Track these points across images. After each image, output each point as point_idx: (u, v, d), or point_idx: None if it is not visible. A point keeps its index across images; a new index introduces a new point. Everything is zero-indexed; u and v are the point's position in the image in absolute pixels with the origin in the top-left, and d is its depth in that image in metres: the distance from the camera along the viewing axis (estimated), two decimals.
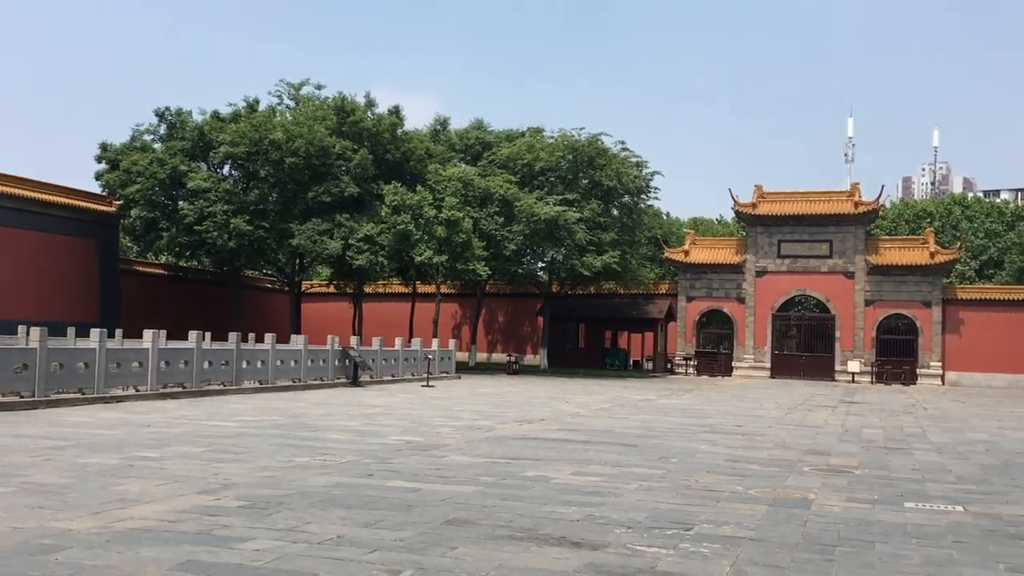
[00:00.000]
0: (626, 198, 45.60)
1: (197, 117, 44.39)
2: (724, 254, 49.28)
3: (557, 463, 12.26)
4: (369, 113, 43.53)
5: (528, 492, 9.80)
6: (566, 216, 40.56)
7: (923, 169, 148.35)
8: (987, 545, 7.93)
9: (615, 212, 45.58)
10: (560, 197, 41.88)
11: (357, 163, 40.65)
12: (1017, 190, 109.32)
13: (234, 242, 40.47)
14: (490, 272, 43.49)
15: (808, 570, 6.78)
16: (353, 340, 32.31)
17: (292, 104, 45.55)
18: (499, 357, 51.59)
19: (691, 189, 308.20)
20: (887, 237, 51.86)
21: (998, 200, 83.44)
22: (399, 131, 43.70)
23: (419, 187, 40.79)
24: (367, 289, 50.86)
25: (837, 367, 46.19)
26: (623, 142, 46.23)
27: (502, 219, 41.55)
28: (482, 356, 52.94)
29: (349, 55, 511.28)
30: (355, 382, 29.75)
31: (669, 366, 48.43)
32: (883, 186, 48.09)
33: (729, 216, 61.61)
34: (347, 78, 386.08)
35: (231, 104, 46.16)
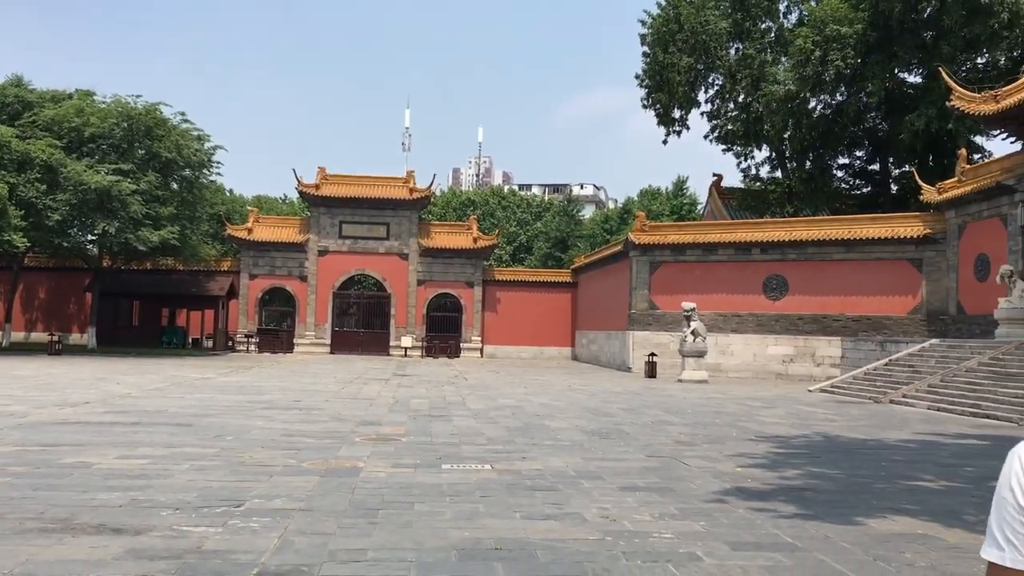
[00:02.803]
0: (187, 172, 43.51)
1: None
2: (288, 233, 49.32)
3: (102, 447, 11.55)
4: None
5: (66, 480, 9.15)
6: (120, 187, 37.67)
7: (470, 162, 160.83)
8: (508, 498, 9.06)
9: (175, 186, 43.29)
10: (114, 166, 38.75)
11: None
12: (546, 185, 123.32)
13: None
14: (30, 244, 39.04)
15: (353, 534, 7.24)
16: None
17: None
18: (40, 337, 46.54)
19: (256, 167, 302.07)
20: (438, 222, 55.65)
21: (529, 193, 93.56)
22: None
23: None
24: None
25: (392, 343, 48.69)
26: (183, 113, 44.11)
27: (45, 187, 37.44)
28: (19, 336, 47.35)
29: None
30: None
31: (230, 344, 47.37)
32: (435, 175, 51.57)
33: (294, 196, 61.67)
34: None
35: None
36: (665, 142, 48.80)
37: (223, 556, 6.40)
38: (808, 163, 43.78)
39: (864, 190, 46.20)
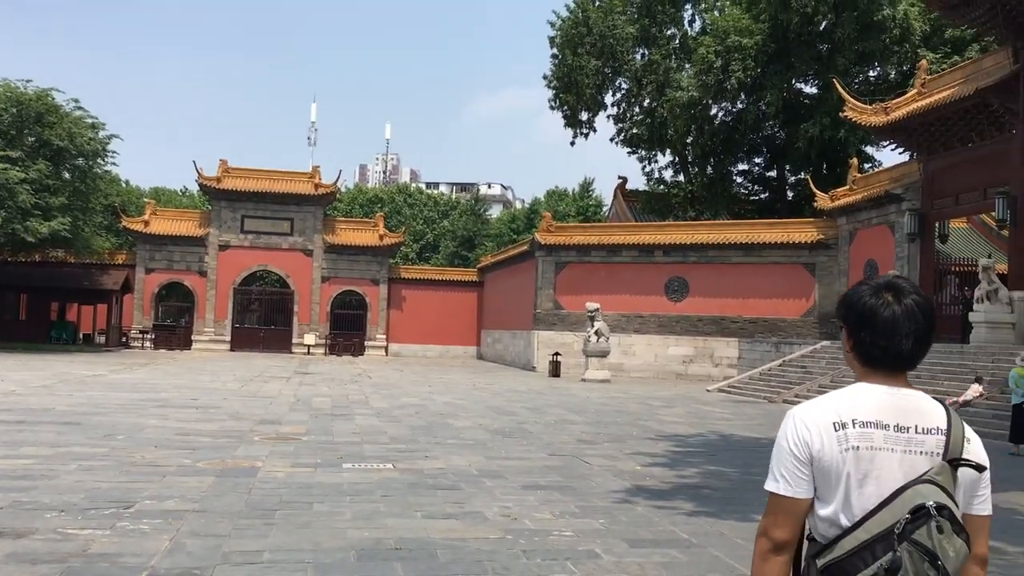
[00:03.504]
0: (80, 161, 41.76)
1: None
2: (187, 226, 47.92)
3: None
4: None
5: None
6: (7, 175, 35.96)
7: (377, 159, 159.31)
8: (409, 497, 9.01)
9: (67, 175, 41.52)
10: (1, 154, 36.97)
11: None
12: (453, 184, 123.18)
13: None
14: None
15: (248, 535, 7.08)
16: None
17: None
18: None
19: (155, 158, 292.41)
20: (343, 219, 54.93)
21: (437, 191, 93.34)
22: None
23: None
24: None
25: (295, 340, 47.84)
26: (77, 100, 42.28)
27: None
28: None
29: None
30: None
31: (124, 340, 45.76)
32: (340, 171, 50.96)
33: (195, 188, 59.94)
34: None
35: None
36: (573, 144, 49.40)
37: (111, 559, 6.17)
38: (710, 168, 44.85)
39: (762, 196, 47.59)
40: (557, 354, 34.84)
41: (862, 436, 2.15)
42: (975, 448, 2.24)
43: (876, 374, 2.26)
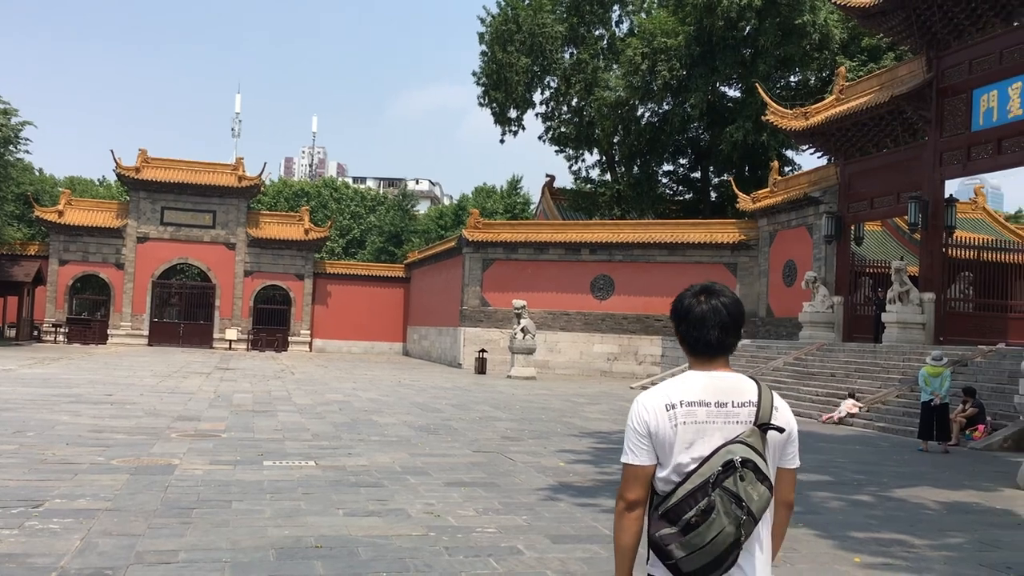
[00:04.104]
0: None
1: None
2: (104, 217, 46.52)
3: None
4: None
5: None
6: None
7: (303, 152, 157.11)
8: (331, 494, 8.91)
9: None
10: None
11: None
12: (381, 179, 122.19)
13: None
14: None
15: (163, 534, 6.91)
16: None
17: None
18: None
19: (71, 147, 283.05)
20: (268, 212, 54.02)
21: (364, 186, 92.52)
22: None
23: None
24: None
25: (216, 335, 46.88)
26: None
27: None
28: None
29: None
30: None
31: (36, 334, 44.22)
32: (265, 163, 50.07)
33: (113, 178, 58.19)
34: None
35: None
36: (502, 141, 49.34)
37: (18, 560, 5.96)
38: (636, 168, 45.39)
39: (687, 196, 48.36)
40: (483, 351, 34.87)
41: (688, 414, 2.71)
42: (782, 415, 2.77)
43: (699, 362, 2.82)
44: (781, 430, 2.75)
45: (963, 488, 11.10)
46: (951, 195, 25.58)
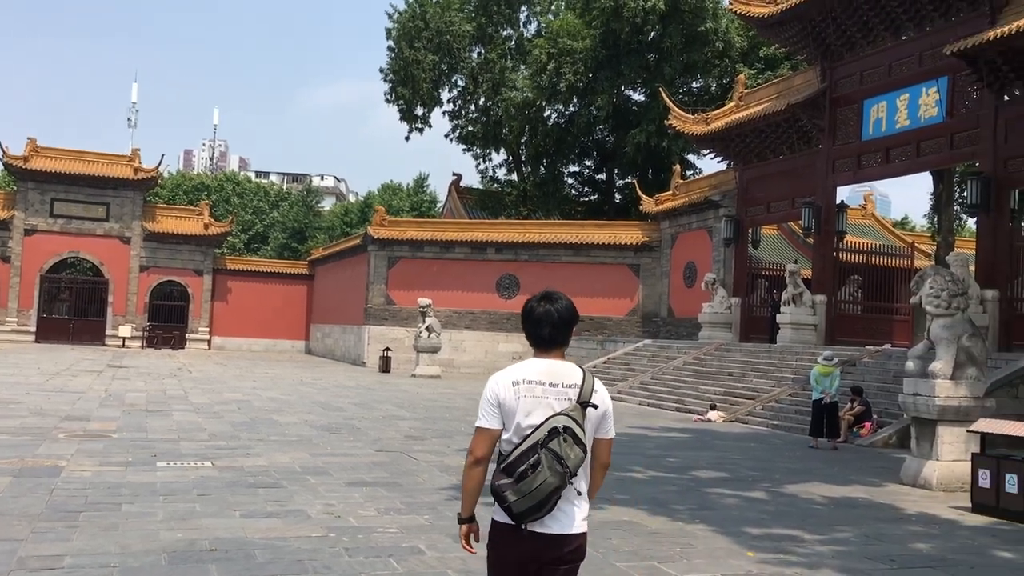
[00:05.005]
0: None
1: None
2: None
3: None
4: None
5: None
6: None
7: (204, 144, 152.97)
8: (228, 495, 8.69)
9: None
10: None
11: None
12: (285, 174, 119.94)
13: None
14: None
15: (48, 539, 6.64)
16: None
17: None
18: None
19: None
20: (165, 205, 52.38)
21: (267, 181, 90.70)
22: None
23: None
24: None
25: (109, 332, 45.17)
26: None
27: None
28: None
29: None
30: None
31: None
32: (163, 155, 48.61)
33: None
34: None
35: None
36: (408, 139, 49.11)
37: None
38: (542, 168, 45.73)
39: (592, 197, 48.97)
40: (388, 349, 34.59)
41: (528, 389, 3.46)
42: (600, 396, 3.53)
43: (539, 352, 3.58)
44: (596, 407, 3.49)
45: (851, 484, 11.54)
46: (842, 201, 26.62)
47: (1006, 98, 20.02)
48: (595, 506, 8.83)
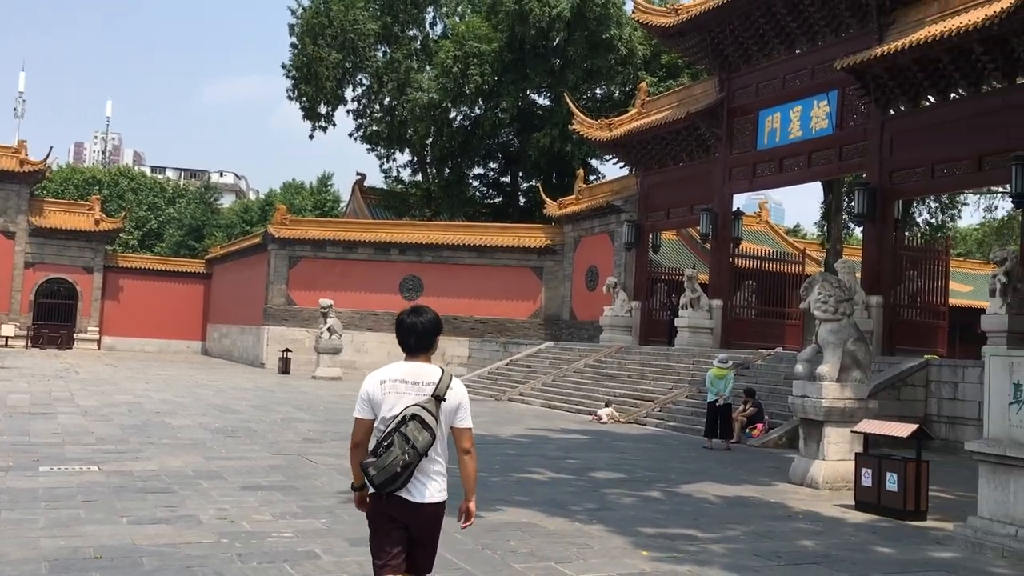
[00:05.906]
0: None
1: None
2: None
3: None
4: None
5: None
6: None
7: (96, 137, 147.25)
8: (115, 501, 8.40)
9: None
10: None
11: None
12: (181, 169, 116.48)
13: None
14: None
15: None
16: None
17: None
18: None
19: None
20: (53, 200, 50.26)
21: (163, 176, 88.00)
22: None
23: None
24: None
25: None
26: None
27: None
28: None
29: None
30: None
31: None
32: (51, 147, 46.68)
33: None
34: None
35: None
36: (311, 137, 48.29)
37: None
38: (447, 170, 45.64)
39: (496, 200, 49.14)
40: (288, 351, 33.98)
41: (393, 386, 4.20)
42: (454, 392, 4.23)
43: (408, 356, 4.32)
44: (446, 400, 4.18)
45: (742, 483, 11.88)
46: (738, 208, 27.43)
47: (891, 112, 20.97)
48: (493, 508, 8.89)
